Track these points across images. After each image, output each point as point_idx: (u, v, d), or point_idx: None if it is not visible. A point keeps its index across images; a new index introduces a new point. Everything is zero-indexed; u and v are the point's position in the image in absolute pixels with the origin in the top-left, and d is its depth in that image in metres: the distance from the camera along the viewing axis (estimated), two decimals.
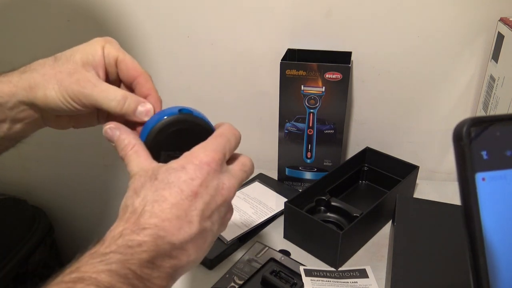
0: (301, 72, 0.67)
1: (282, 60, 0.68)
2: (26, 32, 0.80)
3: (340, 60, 0.69)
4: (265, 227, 0.69)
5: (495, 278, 0.26)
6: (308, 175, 0.76)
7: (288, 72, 0.68)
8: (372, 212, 0.63)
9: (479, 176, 0.25)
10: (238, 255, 0.63)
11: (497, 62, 0.65)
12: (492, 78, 0.67)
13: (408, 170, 0.71)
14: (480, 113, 0.71)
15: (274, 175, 0.79)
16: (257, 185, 0.78)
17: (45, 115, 0.42)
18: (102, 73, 0.41)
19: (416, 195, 0.76)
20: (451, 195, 0.73)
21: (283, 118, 0.72)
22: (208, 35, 0.75)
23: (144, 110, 0.39)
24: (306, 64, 0.67)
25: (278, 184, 0.78)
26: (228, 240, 0.64)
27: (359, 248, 0.64)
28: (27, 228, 0.92)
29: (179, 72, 0.80)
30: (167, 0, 0.73)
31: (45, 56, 0.40)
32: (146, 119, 0.39)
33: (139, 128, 0.40)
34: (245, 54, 0.76)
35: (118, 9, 0.75)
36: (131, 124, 0.40)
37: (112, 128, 0.39)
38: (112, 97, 0.38)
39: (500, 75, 0.63)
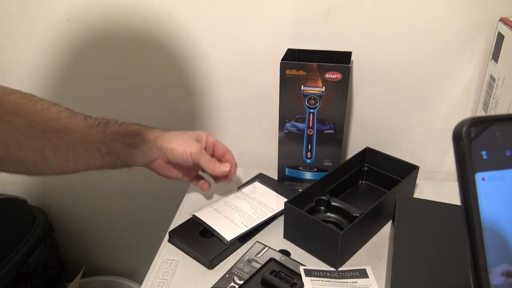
0: (301, 72, 0.67)
1: (282, 60, 0.68)
2: (26, 32, 0.80)
3: (340, 60, 0.69)
4: (265, 227, 0.69)
5: None
6: (308, 175, 0.76)
7: (288, 72, 0.68)
8: (372, 212, 0.63)
9: (479, 176, 0.25)
10: (238, 255, 0.63)
11: (497, 62, 0.65)
12: (492, 78, 0.67)
13: (408, 170, 0.71)
14: (480, 113, 0.71)
15: (274, 175, 0.79)
16: (257, 185, 0.77)
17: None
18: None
19: (416, 195, 0.76)
20: (451, 195, 0.73)
21: (283, 118, 0.72)
22: (208, 35, 0.76)
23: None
24: (306, 64, 0.67)
25: (278, 184, 0.78)
26: (228, 240, 0.64)
27: (359, 248, 0.64)
28: (27, 228, 0.92)
29: (179, 72, 0.80)
30: (167, 0, 0.73)
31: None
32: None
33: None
34: (245, 54, 0.76)
35: (118, 9, 0.75)
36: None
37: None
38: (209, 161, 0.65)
39: (500, 75, 0.63)
